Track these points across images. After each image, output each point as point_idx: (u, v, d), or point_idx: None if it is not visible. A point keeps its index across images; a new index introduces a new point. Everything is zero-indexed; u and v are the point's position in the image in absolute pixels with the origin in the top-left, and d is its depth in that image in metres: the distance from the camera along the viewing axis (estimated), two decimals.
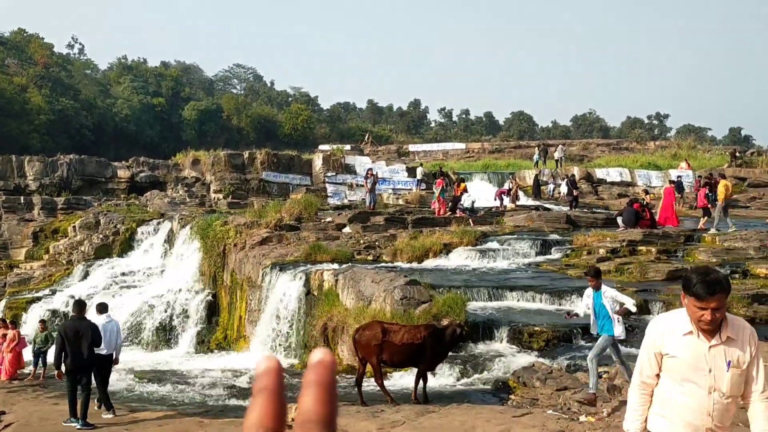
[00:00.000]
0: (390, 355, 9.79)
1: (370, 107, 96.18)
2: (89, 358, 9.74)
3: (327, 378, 0.69)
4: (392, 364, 10.31)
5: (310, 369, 0.72)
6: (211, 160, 37.61)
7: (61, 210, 32.64)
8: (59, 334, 9.59)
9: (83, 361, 9.64)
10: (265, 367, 0.71)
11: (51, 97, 50.85)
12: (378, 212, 24.62)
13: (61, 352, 9.52)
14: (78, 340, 9.52)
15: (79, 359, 9.54)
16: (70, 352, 9.45)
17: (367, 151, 51.88)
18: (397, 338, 9.72)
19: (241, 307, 19.80)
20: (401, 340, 9.70)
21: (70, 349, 9.44)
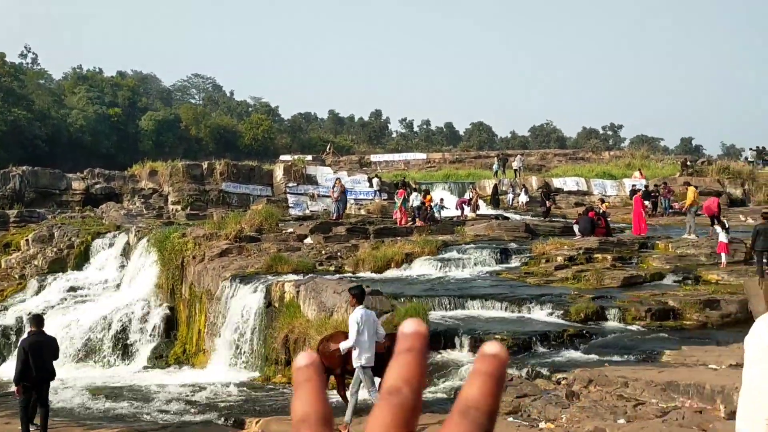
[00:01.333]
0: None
1: (331, 118, 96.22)
2: (51, 372, 9.61)
3: (497, 370, 0.66)
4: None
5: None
6: (168, 171, 37.06)
7: (14, 223, 31.69)
8: (22, 349, 9.34)
9: (45, 376, 9.49)
10: (414, 330, 0.68)
11: (3, 108, 49.53)
12: (340, 222, 24.60)
13: (24, 367, 9.25)
14: (41, 355, 9.33)
15: (42, 373, 9.38)
16: (33, 367, 9.22)
17: (329, 162, 51.82)
18: None
19: (200, 321, 19.49)
20: None
21: (34, 364, 9.22)
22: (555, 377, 10.23)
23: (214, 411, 11.88)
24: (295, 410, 0.66)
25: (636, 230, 22.11)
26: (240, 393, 13.84)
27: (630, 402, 8.69)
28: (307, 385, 0.66)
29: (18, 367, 9.36)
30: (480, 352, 0.68)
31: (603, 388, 9.24)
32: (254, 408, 12.00)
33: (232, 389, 14.24)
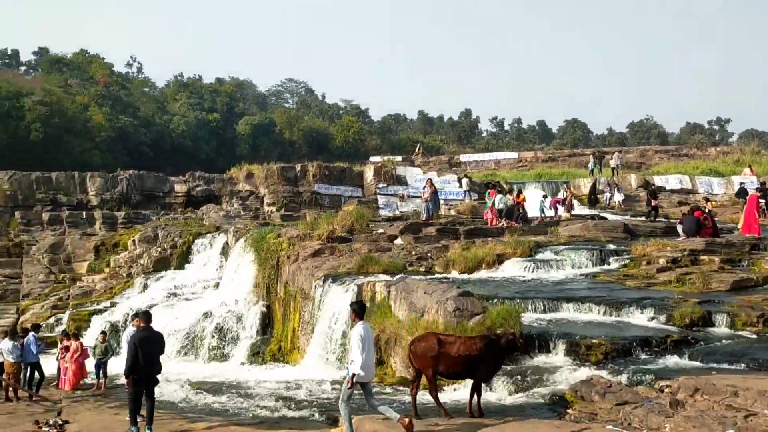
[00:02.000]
0: (446, 367, 9.65)
1: (420, 118, 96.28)
2: (158, 366, 10.01)
3: None
4: (448, 375, 10.17)
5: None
6: (264, 173, 38.22)
7: (122, 224, 33.66)
8: (132, 344, 9.78)
9: (153, 370, 9.91)
10: None
11: (111, 115, 52.66)
12: (430, 223, 24.51)
13: (133, 361, 9.71)
14: (149, 350, 9.75)
15: (150, 367, 9.80)
16: (142, 361, 9.65)
17: (418, 162, 51.84)
18: (453, 350, 9.58)
19: (294, 319, 19.95)
20: (457, 352, 9.56)
21: (143, 358, 9.65)
22: (658, 385, 9.73)
23: (309, 408, 12.10)
24: None
25: (746, 230, 20.73)
26: (333, 391, 14.01)
27: (740, 412, 8.13)
28: None
29: (128, 361, 9.82)
30: None
31: (710, 398, 8.70)
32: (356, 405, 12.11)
33: (325, 387, 14.46)
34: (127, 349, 9.85)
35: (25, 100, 45.78)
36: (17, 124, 44.94)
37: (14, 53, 72.44)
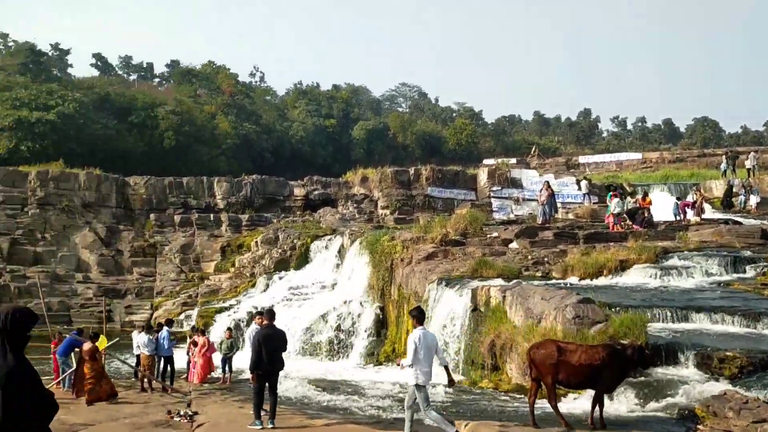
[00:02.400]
0: (566, 376, 9.33)
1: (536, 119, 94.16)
2: (280, 362, 10.33)
3: None
4: (568, 384, 9.82)
5: None
6: (378, 177, 38.79)
7: (245, 226, 35.34)
8: (256, 341, 10.20)
9: (276, 366, 10.24)
10: None
11: (236, 123, 55.39)
12: (547, 227, 23.84)
13: (257, 357, 10.09)
14: (272, 346, 10.12)
15: (273, 364, 10.13)
16: (266, 358, 10.03)
17: (534, 164, 50.68)
18: (574, 358, 9.24)
19: (408, 322, 20.04)
20: (578, 360, 9.20)
21: (266, 355, 10.03)
22: None
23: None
24: None
25: None
26: (447, 395, 13.94)
27: None
28: None
29: (253, 357, 10.24)
30: None
31: None
32: (462, 411, 12.01)
33: (439, 390, 14.39)
34: (251, 346, 10.24)
35: (158, 110, 49.15)
36: (152, 133, 48.34)
37: (149, 66, 78.03)
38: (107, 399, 13.55)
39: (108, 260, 32.83)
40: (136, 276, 32.64)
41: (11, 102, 42.26)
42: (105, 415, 11.70)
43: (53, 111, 42.21)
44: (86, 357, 13.94)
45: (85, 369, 13.84)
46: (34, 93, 43.54)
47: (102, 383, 13.75)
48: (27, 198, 33.64)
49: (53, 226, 33.23)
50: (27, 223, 32.75)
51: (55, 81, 51.35)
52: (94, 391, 13.52)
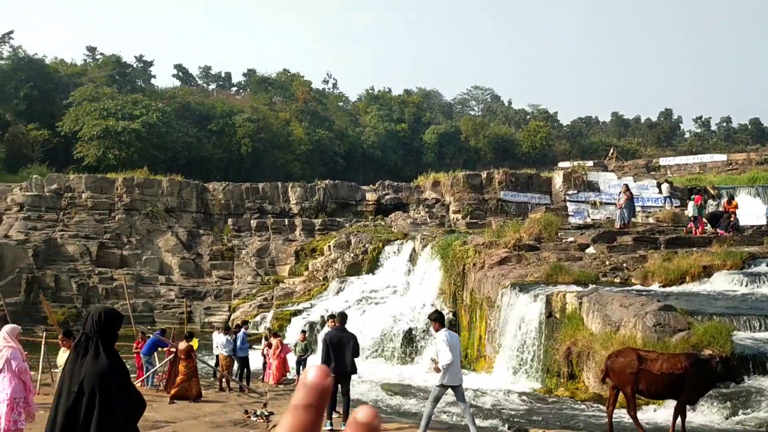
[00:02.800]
0: (646, 385, 8.99)
1: (614, 120, 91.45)
2: (351, 366, 10.39)
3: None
4: (648, 394, 9.47)
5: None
6: (450, 181, 38.60)
7: (319, 231, 35.89)
8: (324, 343, 10.31)
9: (346, 369, 10.31)
10: (315, 384, 0.63)
11: (309, 129, 56.47)
12: (625, 231, 23.11)
13: (325, 359, 10.23)
14: (341, 349, 10.19)
15: (342, 366, 10.22)
16: (334, 360, 10.13)
17: (612, 167, 49.22)
18: (655, 367, 8.90)
19: (480, 327, 19.86)
20: (659, 370, 8.86)
21: (334, 357, 10.12)
22: None
23: (496, 417, 11.94)
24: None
25: None
26: (522, 402, 13.72)
27: None
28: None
29: (321, 358, 10.37)
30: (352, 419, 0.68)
31: None
32: (536, 419, 11.79)
33: (513, 398, 14.19)
34: (321, 347, 10.33)
35: (236, 118, 50.70)
36: (230, 140, 49.91)
37: (227, 76, 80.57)
38: (194, 399, 14.05)
39: (189, 263, 34.04)
40: (215, 278, 33.69)
41: (99, 112, 44.55)
42: (186, 414, 12.12)
43: (138, 120, 44.21)
44: (181, 356, 14.55)
45: (180, 367, 14.46)
46: (120, 103, 45.75)
47: (192, 382, 14.34)
48: (114, 203, 35.33)
49: (138, 230, 34.75)
50: (114, 228, 34.38)
51: (140, 91, 53.83)
52: (183, 388, 14.07)
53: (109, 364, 4.28)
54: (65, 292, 31.34)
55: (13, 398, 8.96)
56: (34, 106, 49.04)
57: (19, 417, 8.95)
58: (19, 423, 8.95)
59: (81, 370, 4.21)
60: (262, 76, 70.86)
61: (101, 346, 4.33)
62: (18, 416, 8.92)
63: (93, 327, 4.36)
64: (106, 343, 4.37)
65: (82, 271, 32.16)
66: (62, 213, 34.62)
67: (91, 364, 4.23)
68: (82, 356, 4.28)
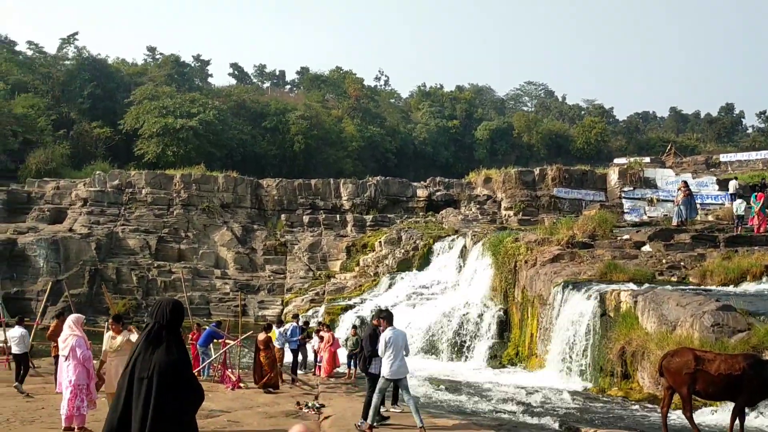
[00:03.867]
0: (704, 386, 8.79)
1: (672, 116, 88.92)
2: (402, 364, 10.19)
3: None
4: (705, 395, 9.24)
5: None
6: (502, 178, 38.26)
7: (370, 227, 36.14)
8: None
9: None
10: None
11: (361, 126, 56.80)
12: (683, 229, 22.50)
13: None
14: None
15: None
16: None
17: (670, 163, 47.91)
18: (713, 368, 8.69)
19: (532, 325, 19.67)
20: (717, 370, 8.65)
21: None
22: None
23: (547, 416, 11.85)
24: None
25: None
26: (573, 401, 13.57)
27: None
28: None
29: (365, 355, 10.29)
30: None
31: None
32: (589, 418, 11.65)
33: (565, 396, 14.05)
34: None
35: (289, 116, 51.43)
36: (283, 137, 50.68)
37: (281, 74, 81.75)
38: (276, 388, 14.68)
39: (243, 257, 34.77)
40: (268, 273, 34.32)
41: (159, 110, 45.89)
42: (240, 404, 12.44)
43: (195, 118, 45.35)
44: (261, 346, 15.12)
45: (261, 358, 15.07)
46: (178, 102, 47.01)
47: (274, 371, 14.99)
48: (172, 199, 36.37)
49: (195, 225, 35.68)
50: (172, 223, 35.40)
51: (197, 90, 55.17)
52: (271, 378, 14.76)
53: (179, 356, 4.47)
54: (126, 284, 32.46)
55: (77, 385, 9.40)
56: (97, 105, 50.85)
57: (82, 403, 9.37)
58: (82, 409, 9.38)
59: (152, 358, 4.41)
60: (315, 73, 71.64)
61: (172, 337, 4.53)
62: (81, 402, 9.35)
63: (164, 318, 4.55)
64: (175, 335, 4.57)
65: (142, 264, 33.25)
66: (123, 208, 35.85)
67: (164, 354, 4.42)
68: (154, 345, 4.48)
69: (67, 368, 9.72)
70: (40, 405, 11.40)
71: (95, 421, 9.68)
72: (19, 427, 9.53)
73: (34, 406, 11.26)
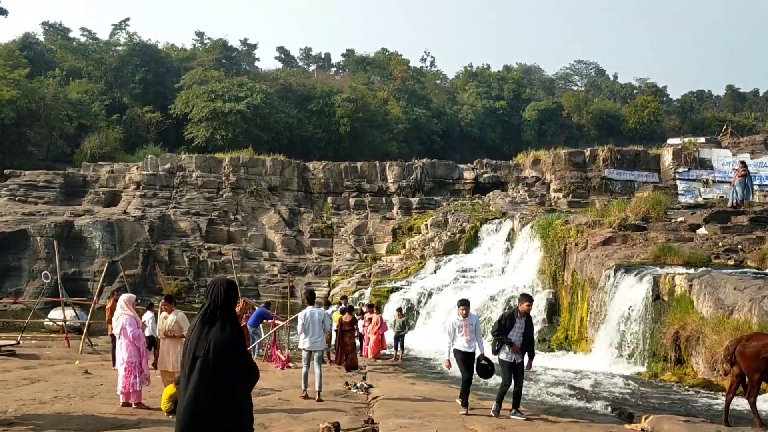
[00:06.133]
0: None
1: (729, 94, 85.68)
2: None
3: None
4: None
5: None
6: (551, 159, 37.63)
7: (416, 209, 36.07)
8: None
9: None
10: None
11: (407, 108, 56.48)
12: (741, 211, 21.72)
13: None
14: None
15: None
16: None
17: (726, 144, 46.21)
18: None
19: (582, 308, 19.35)
20: None
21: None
22: None
23: (599, 400, 11.67)
24: None
25: None
26: (625, 386, 13.33)
27: None
28: None
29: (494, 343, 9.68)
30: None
31: None
32: (641, 403, 11.43)
33: (617, 381, 13.81)
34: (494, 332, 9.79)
35: (335, 98, 51.52)
36: (329, 120, 50.84)
37: (326, 56, 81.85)
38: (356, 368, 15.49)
39: (290, 240, 35.17)
40: (315, 255, 34.65)
41: (208, 94, 46.55)
42: (290, 383, 12.62)
43: (243, 102, 45.86)
44: (347, 327, 15.92)
45: (347, 339, 15.79)
46: (226, 86, 47.59)
47: (354, 352, 15.85)
48: (221, 182, 36.98)
49: (243, 207, 36.23)
50: (221, 205, 36.02)
51: (245, 74, 55.73)
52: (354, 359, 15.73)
53: (233, 334, 4.53)
54: (178, 266, 33.24)
55: (130, 362, 9.68)
56: (148, 90, 51.91)
57: (136, 380, 9.66)
58: (137, 385, 9.67)
59: (208, 337, 4.48)
60: (360, 56, 71.43)
61: (227, 316, 4.59)
62: (135, 379, 9.64)
63: (219, 297, 4.61)
64: (230, 314, 4.63)
65: (193, 246, 33.97)
66: (174, 191, 36.63)
67: (219, 333, 4.49)
68: (209, 325, 4.54)
69: (119, 346, 10.01)
70: (99, 381, 11.78)
71: (151, 397, 9.97)
72: (79, 402, 9.88)
73: (93, 383, 11.65)
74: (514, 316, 9.62)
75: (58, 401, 9.80)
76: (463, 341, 9.89)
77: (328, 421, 8.49)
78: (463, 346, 9.91)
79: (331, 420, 8.63)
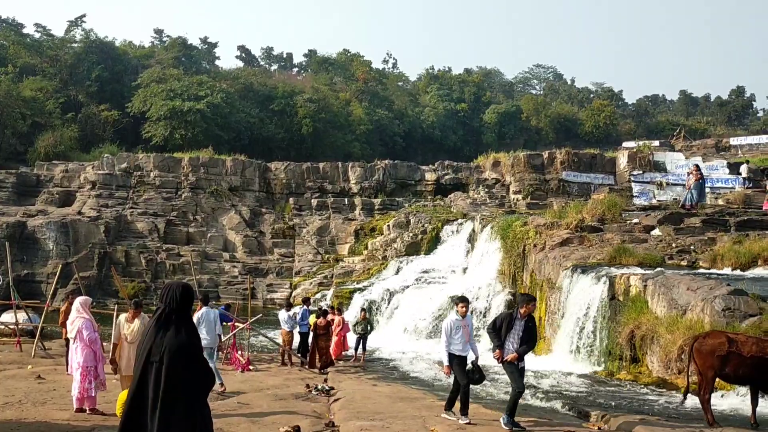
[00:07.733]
0: (734, 369, 8.68)
1: (682, 98, 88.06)
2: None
3: None
4: (734, 378, 9.09)
5: None
6: (510, 161, 38.10)
7: (378, 210, 36.12)
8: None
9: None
10: None
11: (369, 109, 56.49)
12: (693, 213, 22.36)
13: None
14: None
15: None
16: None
17: (679, 147, 47.54)
18: (745, 350, 8.63)
19: (540, 309, 19.63)
20: (749, 352, 8.60)
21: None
22: None
23: (557, 399, 11.86)
24: None
25: None
26: (582, 384, 13.58)
27: None
28: None
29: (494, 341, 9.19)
30: None
31: None
32: (597, 402, 11.65)
33: (573, 380, 14.06)
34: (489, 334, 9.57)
35: (297, 99, 51.22)
36: (291, 120, 50.51)
37: (288, 56, 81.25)
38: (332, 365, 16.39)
39: (251, 241, 34.84)
40: (277, 256, 34.39)
41: (166, 93, 45.77)
42: (250, 386, 12.51)
43: (203, 101, 45.22)
44: (321, 331, 16.33)
45: (321, 342, 16.28)
46: (186, 84, 46.86)
47: (328, 353, 16.39)
48: (180, 182, 36.41)
49: (203, 208, 35.75)
50: (180, 206, 35.47)
51: (205, 73, 54.94)
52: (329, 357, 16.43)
53: (189, 340, 4.47)
54: (135, 267, 32.61)
55: (86, 367, 9.47)
56: (105, 88, 50.78)
57: (91, 385, 9.46)
58: (91, 391, 9.46)
59: (163, 342, 4.41)
60: (322, 56, 71.19)
61: (182, 320, 4.52)
62: (89, 384, 9.44)
63: (174, 301, 4.54)
64: (185, 318, 4.56)
65: (150, 247, 33.38)
66: (132, 191, 35.94)
67: (174, 338, 4.42)
68: (164, 329, 4.47)
69: (75, 350, 9.78)
70: (52, 386, 11.49)
71: (106, 402, 9.76)
72: (31, 408, 9.61)
73: (45, 388, 11.35)
74: (513, 317, 9.00)
75: (9, 407, 9.53)
76: (459, 344, 9.34)
77: (289, 425, 8.44)
78: (459, 350, 9.34)
79: (291, 423, 8.59)
